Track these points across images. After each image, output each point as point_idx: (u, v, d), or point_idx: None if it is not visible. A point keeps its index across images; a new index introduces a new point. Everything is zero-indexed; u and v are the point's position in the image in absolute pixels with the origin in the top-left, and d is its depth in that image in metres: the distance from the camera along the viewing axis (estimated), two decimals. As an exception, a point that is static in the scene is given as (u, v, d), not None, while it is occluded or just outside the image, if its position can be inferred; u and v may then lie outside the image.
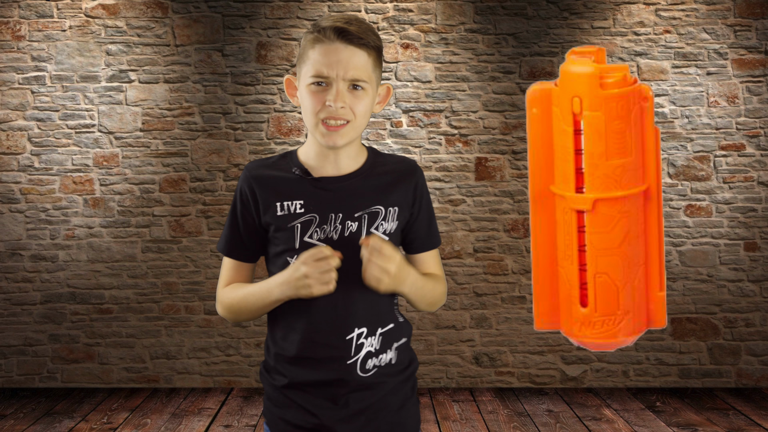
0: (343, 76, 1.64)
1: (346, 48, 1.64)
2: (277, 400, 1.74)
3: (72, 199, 5.14)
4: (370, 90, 1.69)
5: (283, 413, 1.73)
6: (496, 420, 4.45)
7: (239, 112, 5.16)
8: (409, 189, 1.77)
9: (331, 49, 1.64)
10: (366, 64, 1.67)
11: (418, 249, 1.82)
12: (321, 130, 1.67)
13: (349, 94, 1.66)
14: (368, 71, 1.67)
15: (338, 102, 1.64)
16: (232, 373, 5.19)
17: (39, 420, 4.47)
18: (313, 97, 1.66)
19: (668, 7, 5.18)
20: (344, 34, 1.64)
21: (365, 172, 1.75)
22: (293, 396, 1.72)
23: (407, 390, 1.78)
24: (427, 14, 5.17)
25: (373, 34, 1.69)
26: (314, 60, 1.65)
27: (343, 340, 1.69)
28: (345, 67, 1.64)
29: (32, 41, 5.13)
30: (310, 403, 1.70)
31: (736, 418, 4.50)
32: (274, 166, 1.75)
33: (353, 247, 1.68)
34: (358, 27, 1.66)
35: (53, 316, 5.15)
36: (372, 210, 1.72)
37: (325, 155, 1.73)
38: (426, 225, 1.82)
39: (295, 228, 1.69)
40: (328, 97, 1.64)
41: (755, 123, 5.17)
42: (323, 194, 1.71)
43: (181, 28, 5.16)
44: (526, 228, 5.19)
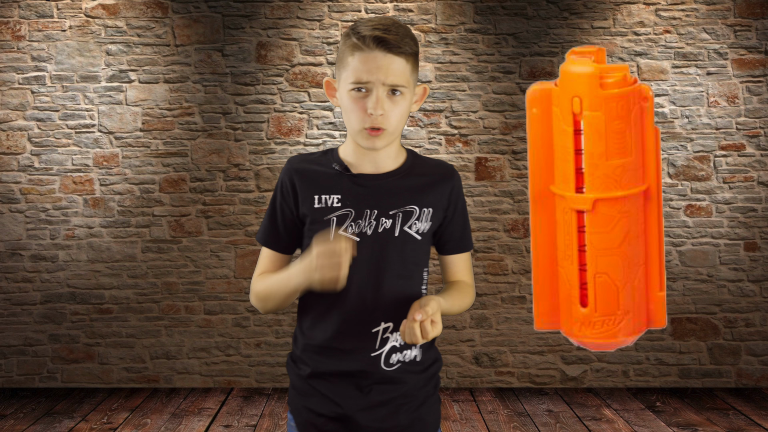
0: (383, 81, 1.70)
1: (385, 56, 1.69)
2: (302, 390, 1.79)
3: (72, 199, 5.14)
4: (408, 94, 1.74)
5: (307, 402, 1.78)
6: (496, 420, 4.45)
7: (239, 112, 5.16)
8: (445, 192, 1.82)
9: (370, 57, 1.69)
10: (404, 70, 1.72)
11: (451, 251, 1.87)
12: (364, 135, 1.73)
13: (388, 100, 1.71)
14: (406, 77, 1.72)
15: (378, 109, 1.69)
16: (232, 373, 5.19)
17: (39, 420, 4.47)
18: (355, 103, 1.71)
19: (668, 7, 5.18)
20: (383, 42, 1.69)
21: (403, 172, 1.81)
22: (317, 385, 1.77)
23: (430, 388, 1.83)
24: (427, 14, 5.17)
25: (411, 40, 1.74)
26: (354, 67, 1.71)
27: (369, 332, 1.74)
28: (384, 74, 1.69)
29: (32, 41, 5.13)
30: (334, 392, 1.76)
31: (736, 418, 4.50)
32: (315, 162, 1.81)
33: (385, 243, 1.75)
34: (396, 35, 1.71)
35: (53, 316, 5.15)
36: (406, 209, 1.78)
37: (365, 154, 1.79)
38: (460, 228, 1.87)
39: (331, 221, 1.75)
40: (368, 104, 1.70)
41: (755, 123, 5.17)
42: (360, 190, 1.77)
43: (181, 28, 5.16)
44: (526, 228, 5.19)
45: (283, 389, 5.12)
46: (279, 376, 5.18)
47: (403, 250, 1.76)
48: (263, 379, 5.17)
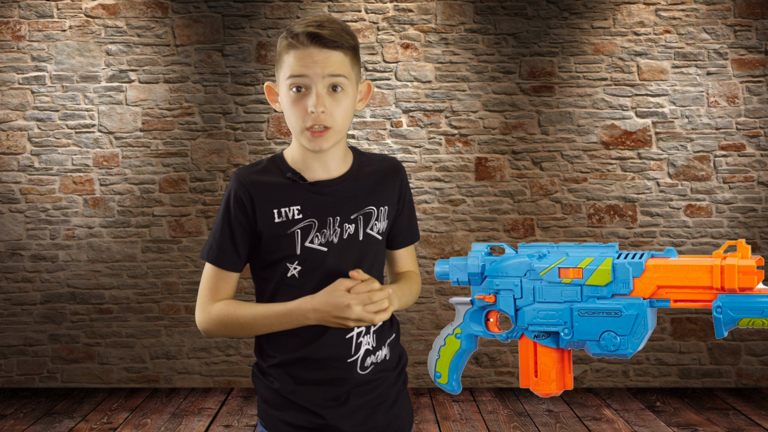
0: (321, 75, 1.64)
1: (320, 52, 1.64)
2: (275, 403, 1.73)
3: (72, 199, 5.14)
4: (350, 89, 1.68)
5: (282, 415, 1.72)
6: (496, 420, 4.45)
7: (239, 112, 5.16)
8: (395, 187, 1.80)
9: (305, 54, 1.64)
10: (343, 64, 1.66)
11: (401, 244, 1.85)
12: (306, 136, 1.67)
13: (328, 97, 1.65)
14: (346, 69, 1.66)
15: (319, 107, 1.64)
16: (232, 373, 5.19)
17: (39, 420, 4.47)
18: (294, 104, 1.65)
19: (668, 7, 5.18)
20: (317, 38, 1.63)
21: (354, 174, 1.76)
22: (292, 397, 1.71)
23: (400, 384, 1.82)
24: (427, 14, 5.17)
25: (347, 34, 1.68)
26: (290, 64, 1.65)
27: (344, 339, 1.71)
28: (321, 67, 1.63)
29: (32, 41, 5.13)
30: (312, 402, 1.71)
31: (736, 418, 4.50)
32: (265, 172, 1.73)
33: (352, 248, 1.71)
34: (330, 30, 1.65)
35: (53, 316, 5.15)
36: (366, 211, 1.75)
37: (314, 157, 1.73)
38: (407, 220, 1.85)
39: (295, 234, 1.69)
40: (308, 102, 1.64)
41: (755, 123, 5.17)
42: (319, 198, 1.72)
43: (181, 28, 5.16)
44: (525, 228, 5.19)
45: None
46: (279, 376, 5.18)
47: (368, 253, 1.74)
48: (263, 379, 5.17)
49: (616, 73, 5.16)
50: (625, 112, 5.16)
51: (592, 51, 5.16)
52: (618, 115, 5.16)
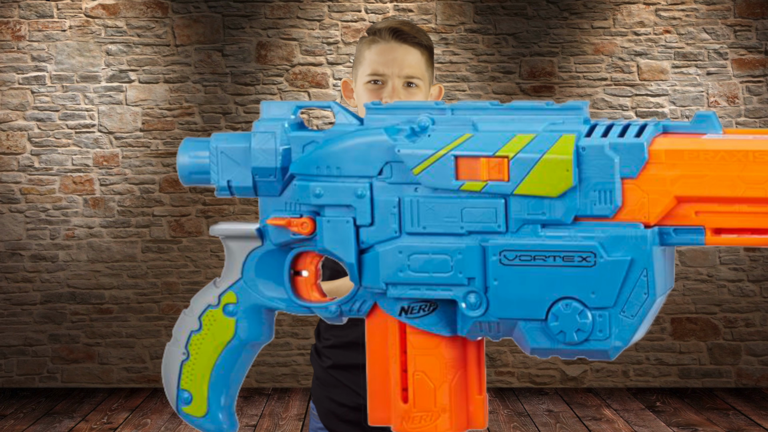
0: (398, 73, 1.72)
1: (400, 47, 1.73)
2: (325, 380, 1.88)
3: (72, 199, 5.14)
4: (424, 88, 1.76)
5: (329, 392, 1.87)
6: (496, 420, 4.45)
7: (239, 112, 5.16)
8: None
9: (386, 48, 1.73)
10: (420, 62, 1.74)
11: None
12: None
13: (403, 92, 1.72)
14: (422, 69, 1.75)
15: (394, 99, 1.69)
16: (232, 373, 5.19)
17: (39, 420, 4.47)
18: (371, 95, 1.73)
19: (668, 7, 5.18)
20: (399, 33, 1.73)
21: None
22: (339, 376, 1.86)
23: None
24: (427, 14, 5.17)
25: (425, 35, 1.79)
26: (370, 60, 1.73)
27: None
28: (400, 64, 1.72)
29: (32, 41, 5.13)
30: (356, 383, 1.81)
31: (736, 418, 4.50)
32: None
33: None
34: (411, 27, 1.78)
35: (53, 316, 5.15)
36: None
37: None
38: None
39: None
40: (383, 94, 1.71)
41: (755, 123, 5.17)
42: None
43: (181, 28, 5.16)
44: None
45: (282, 389, 5.12)
46: (279, 376, 5.18)
47: None
48: (263, 379, 5.17)
49: (616, 73, 5.16)
50: (625, 112, 5.17)
51: (592, 51, 5.16)
52: (618, 115, 5.17)
